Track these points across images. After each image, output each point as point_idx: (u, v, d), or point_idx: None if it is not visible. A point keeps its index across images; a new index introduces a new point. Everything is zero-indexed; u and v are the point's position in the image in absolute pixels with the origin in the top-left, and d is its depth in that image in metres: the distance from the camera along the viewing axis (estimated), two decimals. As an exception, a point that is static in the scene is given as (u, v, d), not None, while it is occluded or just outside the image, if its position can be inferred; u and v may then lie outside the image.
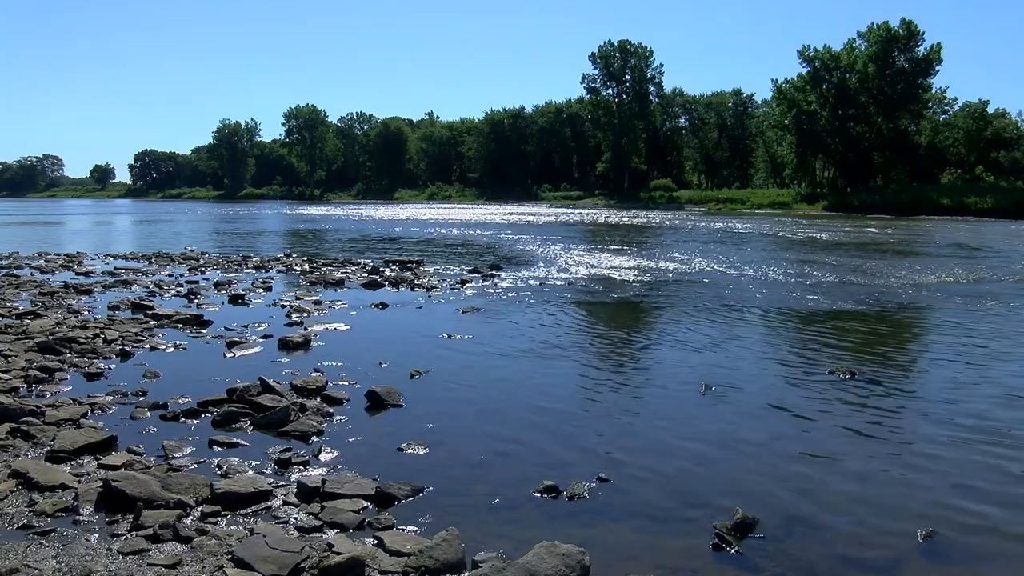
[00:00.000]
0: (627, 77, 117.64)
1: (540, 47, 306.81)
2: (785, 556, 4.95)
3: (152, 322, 12.36)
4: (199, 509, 5.37)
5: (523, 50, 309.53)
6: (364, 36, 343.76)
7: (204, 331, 11.99)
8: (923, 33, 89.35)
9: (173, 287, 16.98)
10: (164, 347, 10.74)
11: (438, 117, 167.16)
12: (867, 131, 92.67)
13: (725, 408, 8.22)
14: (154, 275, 19.51)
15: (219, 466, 6.21)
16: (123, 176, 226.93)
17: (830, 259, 26.41)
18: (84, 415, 7.42)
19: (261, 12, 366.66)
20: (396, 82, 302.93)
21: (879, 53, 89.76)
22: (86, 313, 13.26)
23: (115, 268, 21.05)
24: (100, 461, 6.18)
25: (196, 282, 17.98)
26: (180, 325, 12.30)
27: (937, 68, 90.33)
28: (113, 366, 9.54)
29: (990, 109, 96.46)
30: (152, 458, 6.35)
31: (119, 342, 10.68)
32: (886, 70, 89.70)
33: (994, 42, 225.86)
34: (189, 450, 6.60)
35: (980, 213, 68.82)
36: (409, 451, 6.72)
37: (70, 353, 9.90)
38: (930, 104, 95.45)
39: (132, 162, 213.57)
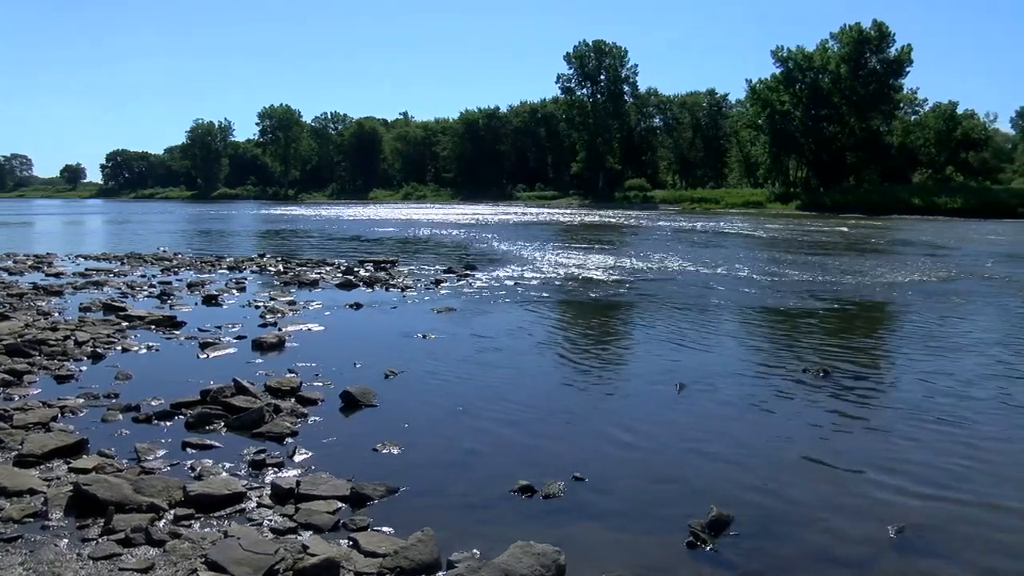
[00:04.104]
0: (602, 77, 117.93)
1: (515, 47, 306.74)
2: (760, 553, 4.98)
3: (124, 323, 12.24)
4: (172, 512, 5.33)
5: (498, 50, 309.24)
6: (338, 36, 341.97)
7: (177, 332, 11.89)
8: (894, 34, 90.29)
9: (146, 288, 16.83)
10: (136, 349, 10.64)
11: (413, 117, 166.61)
12: (840, 131, 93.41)
13: (700, 407, 8.25)
14: (126, 276, 19.32)
15: (192, 468, 6.17)
16: (94, 176, 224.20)
17: (804, 258, 26.61)
18: (54, 418, 7.33)
19: (235, 11, 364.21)
20: (370, 82, 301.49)
21: (851, 54, 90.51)
22: (56, 315, 13.10)
23: (86, 269, 20.80)
24: (71, 465, 6.11)
25: (169, 283, 17.82)
26: (153, 326, 12.19)
27: (908, 69, 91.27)
28: (84, 368, 9.44)
29: (959, 110, 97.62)
30: (124, 461, 6.29)
31: (90, 344, 10.57)
32: (858, 71, 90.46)
33: (963, 44, 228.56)
34: (162, 452, 6.54)
35: (950, 213, 69.74)
36: (384, 451, 6.70)
37: (39, 355, 9.76)
38: (901, 105, 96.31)
39: (104, 162, 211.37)
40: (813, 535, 5.24)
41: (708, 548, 5.01)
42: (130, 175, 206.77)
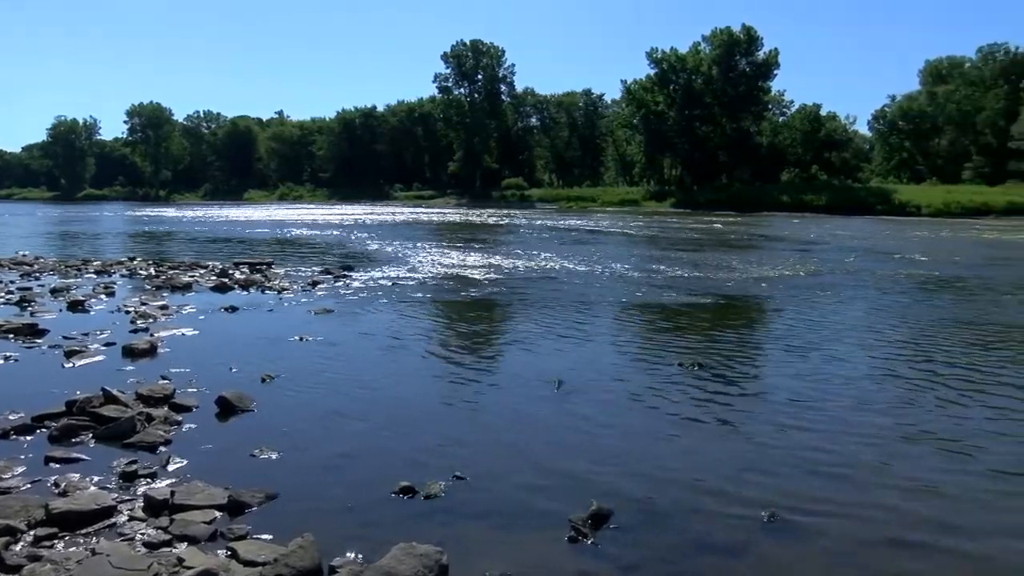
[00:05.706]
0: (479, 76, 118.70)
1: (393, 46, 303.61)
2: (639, 544, 5.10)
3: (-21, 332, 11.59)
4: (32, 533, 5.05)
5: (375, 49, 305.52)
6: (210, 31, 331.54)
7: (39, 340, 11.32)
8: (762, 38, 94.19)
9: (2, 294, 15.95)
10: (-7, 359, 10.09)
11: (288, 116, 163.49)
12: (712, 131, 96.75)
13: (578, 403, 8.38)
14: (-18, 282, 18.28)
15: (57, 484, 5.87)
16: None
17: (678, 255, 27.37)
18: None
19: (101, 2, 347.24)
20: (245, 80, 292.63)
21: (722, 56, 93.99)
22: (-96, 324, 12.29)
23: (-63, 275, 19.60)
24: (-90, 491, 5.71)
25: (30, 288, 16.93)
26: (11, 335, 11.55)
27: (775, 72, 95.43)
28: (-66, 381, 8.90)
29: (822, 112, 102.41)
30: (-22, 480, 5.94)
31: (-59, 355, 9.97)
32: (729, 73, 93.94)
33: (824, 48, 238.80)
34: (21, 469, 6.19)
35: (816, 209, 73.32)
36: (262, 457, 6.56)
37: None
38: (770, 106, 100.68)
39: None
40: (690, 523, 5.41)
41: (589, 542, 5.10)
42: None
